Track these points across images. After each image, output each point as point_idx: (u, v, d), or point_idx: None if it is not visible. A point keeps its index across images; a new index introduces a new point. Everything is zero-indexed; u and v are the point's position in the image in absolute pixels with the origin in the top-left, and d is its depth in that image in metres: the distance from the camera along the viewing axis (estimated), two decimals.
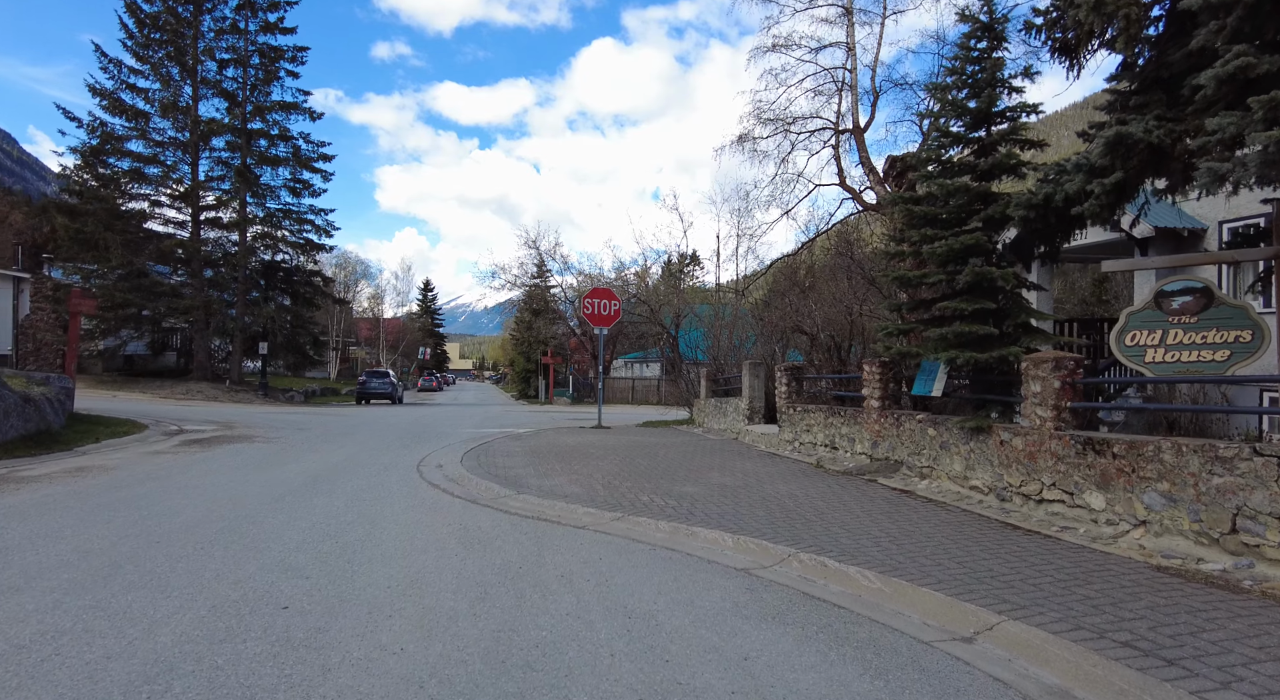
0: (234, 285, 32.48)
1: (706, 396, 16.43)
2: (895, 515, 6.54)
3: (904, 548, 5.37)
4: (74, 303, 14.58)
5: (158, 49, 30.69)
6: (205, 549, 5.21)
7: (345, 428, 16.95)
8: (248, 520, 6.25)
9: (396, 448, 12.59)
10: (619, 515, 6.56)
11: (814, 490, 7.83)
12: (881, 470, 8.55)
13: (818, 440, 10.50)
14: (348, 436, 14.56)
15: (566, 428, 17.32)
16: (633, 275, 37.98)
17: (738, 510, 6.79)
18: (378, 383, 37.87)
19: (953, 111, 7.74)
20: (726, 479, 8.66)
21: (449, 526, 6.18)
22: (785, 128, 19.91)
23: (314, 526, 6.09)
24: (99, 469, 9.11)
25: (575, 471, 9.30)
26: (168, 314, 30.70)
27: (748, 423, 13.38)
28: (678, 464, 10.04)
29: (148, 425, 14.57)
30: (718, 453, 11.40)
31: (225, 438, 13.32)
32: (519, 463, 10.22)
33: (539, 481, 8.48)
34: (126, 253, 28.39)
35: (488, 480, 8.57)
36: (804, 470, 9.35)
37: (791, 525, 6.14)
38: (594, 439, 13.85)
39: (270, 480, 8.52)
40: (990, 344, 7.01)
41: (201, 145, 31.87)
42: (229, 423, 16.80)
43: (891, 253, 7.89)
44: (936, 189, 7.46)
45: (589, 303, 17.32)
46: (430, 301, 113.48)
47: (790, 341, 14.39)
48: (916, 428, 8.13)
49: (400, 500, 7.41)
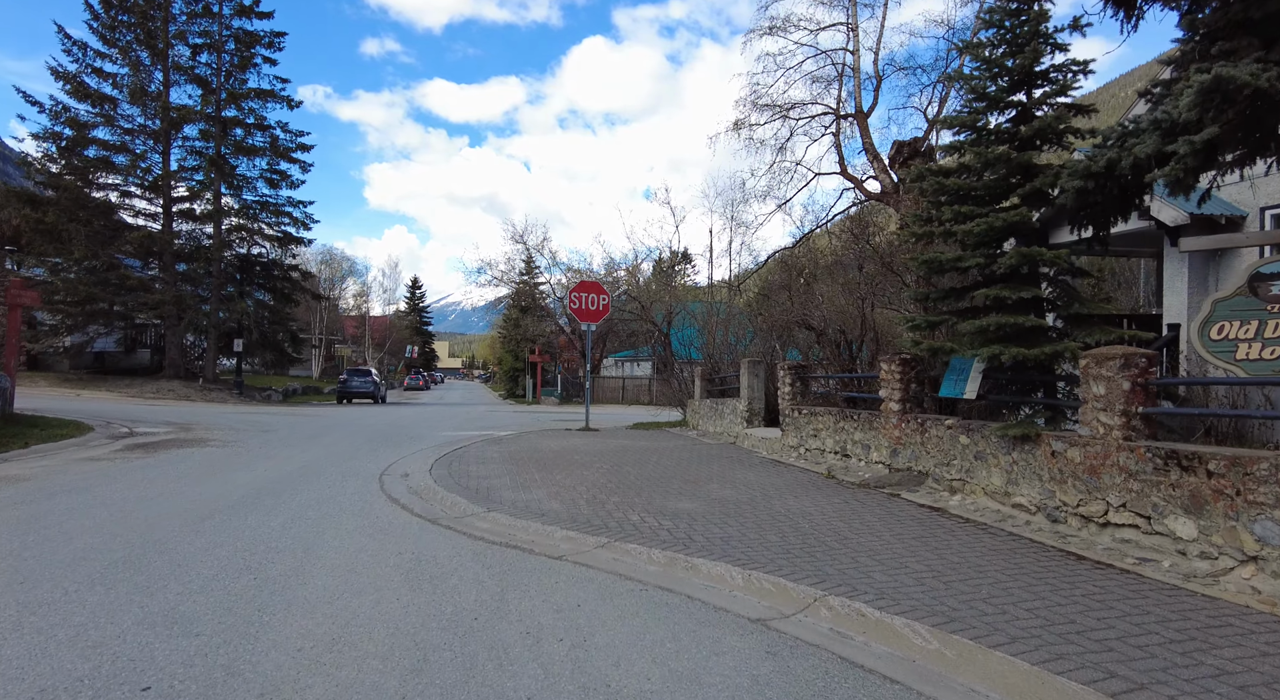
0: (208, 280, 31.18)
1: (701, 397, 15.41)
2: (931, 541, 5.54)
3: (953, 587, 4.36)
4: (12, 294, 13.37)
5: (126, 32, 29.34)
6: (81, 591, 4.14)
7: (315, 429, 15.82)
8: (156, 547, 5.17)
9: (364, 453, 11.50)
10: (604, 540, 5.51)
11: (830, 507, 6.82)
12: (904, 483, 7.55)
13: (827, 447, 9.50)
14: (314, 440, 13.44)
15: (551, 430, 16.26)
16: (623, 273, 36.92)
17: (744, 533, 5.77)
18: (359, 381, 36.71)
19: (988, 72, 6.74)
20: (728, 492, 7.63)
21: (398, 557, 5.12)
22: (783, 113, 18.93)
23: (235, 555, 5.02)
24: (9, 480, 7.98)
25: (556, 482, 8.25)
26: (137, 309, 29.38)
27: (747, 426, 12.37)
28: (672, 473, 9.01)
29: (94, 427, 13.40)
30: (715, 460, 10.38)
31: (176, 442, 12.18)
32: (494, 472, 9.16)
33: (514, 495, 7.43)
34: (92, 245, 27.05)
35: (455, 494, 7.50)
36: (814, 482, 8.34)
37: (811, 555, 5.12)
38: (580, 443, 12.81)
39: (206, 493, 7.43)
40: (1037, 338, 6.02)
41: (173, 133, 30.54)
42: (188, 424, 15.63)
43: (918, 233, 6.90)
44: (973, 158, 6.45)
45: (576, 297, 16.26)
46: (418, 299, 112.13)
47: (790, 339, 13.40)
48: (945, 435, 7.13)
49: (349, 520, 6.34)
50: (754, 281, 22.74)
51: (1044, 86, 6.60)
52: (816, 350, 14.03)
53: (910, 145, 14.95)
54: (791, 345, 14.10)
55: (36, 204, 26.94)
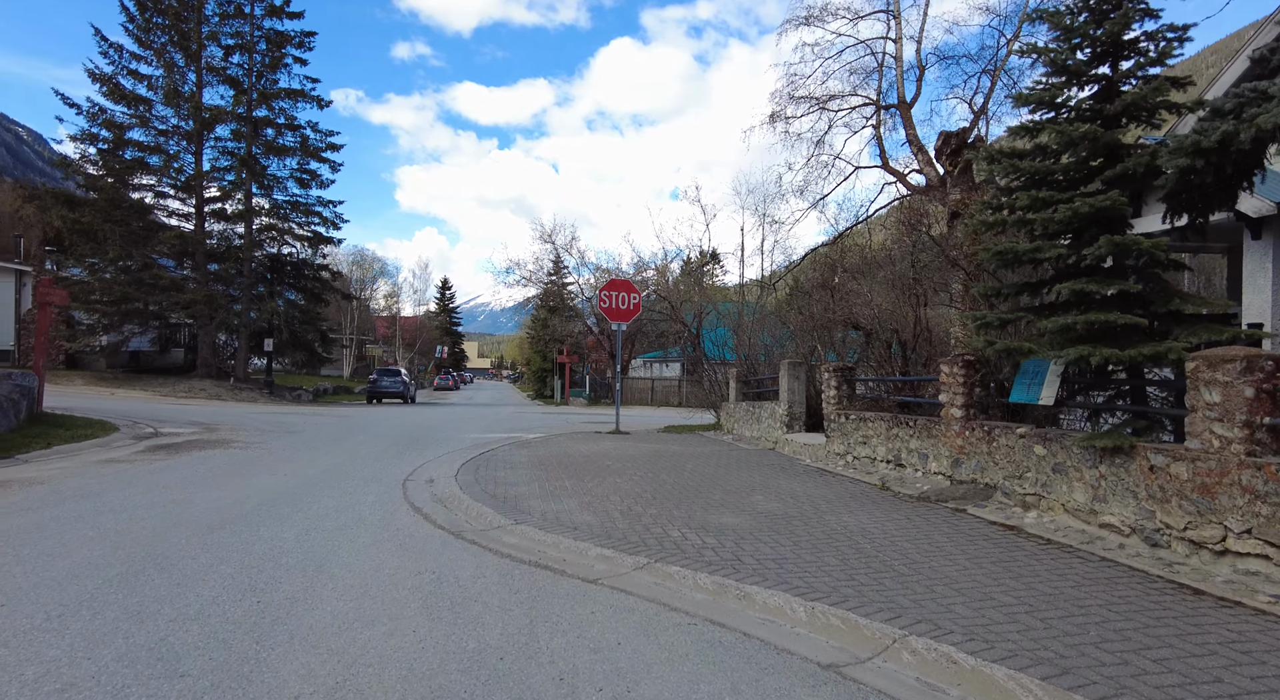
0: (239, 279, 31.32)
1: (736, 400, 14.79)
2: (1013, 566, 4.89)
3: (1054, 626, 3.74)
4: (41, 292, 13.26)
5: (160, 33, 29.59)
6: (65, 616, 3.71)
7: (341, 431, 15.53)
8: (157, 563, 4.75)
9: (390, 456, 11.11)
10: (643, 560, 4.97)
11: (891, 524, 6.19)
12: (969, 496, 6.89)
13: (878, 455, 8.84)
14: (340, 442, 13.11)
15: (581, 433, 15.77)
16: (652, 272, 36.36)
17: (799, 554, 5.18)
18: (389, 381, 36.69)
19: (1067, 42, 6.06)
20: (774, 504, 7.04)
21: (417, 577, 4.63)
22: (821, 105, 18.22)
23: (240, 573, 4.57)
24: (23, 483, 7.68)
25: (588, 491, 7.72)
26: (170, 309, 29.59)
27: (787, 431, 11.73)
28: (711, 481, 8.43)
29: (119, 427, 13.22)
30: (756, 467, 9.78)
31: (199, 443, 11.92)
32: (523, 478, 8.67)
33: (543, 505, 6.91)
34: (126, 245, 27.28)
35: (481, 503, 7.01)
36: (867, 493, 7.70)
37: (879, 582, 4.52)
38: (611, 447, 12.28)
39: (221, 499, 7.04)
40: (1132, 338, 5.33)
41: (206, 133, 30.74)
42: (214, 424, 15.44)
43: (988, 223, 6.24)
44: (1053, 138, 5.77)
45: (606, 295, 15.75)
46: (448, 300, 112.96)
47: (829, 340, 12.72)
48: (1017, 444, 6.46)
49: (367, 532, 5.88)
50: (788, 280, 22.03)
51: (1133, 57, 5.91)
52: (853, 352, 13.34)
53: (958, 136, 14.18)
54: (829, 347, 13.42)
55: (74, 205, 27.26)
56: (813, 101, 18.49)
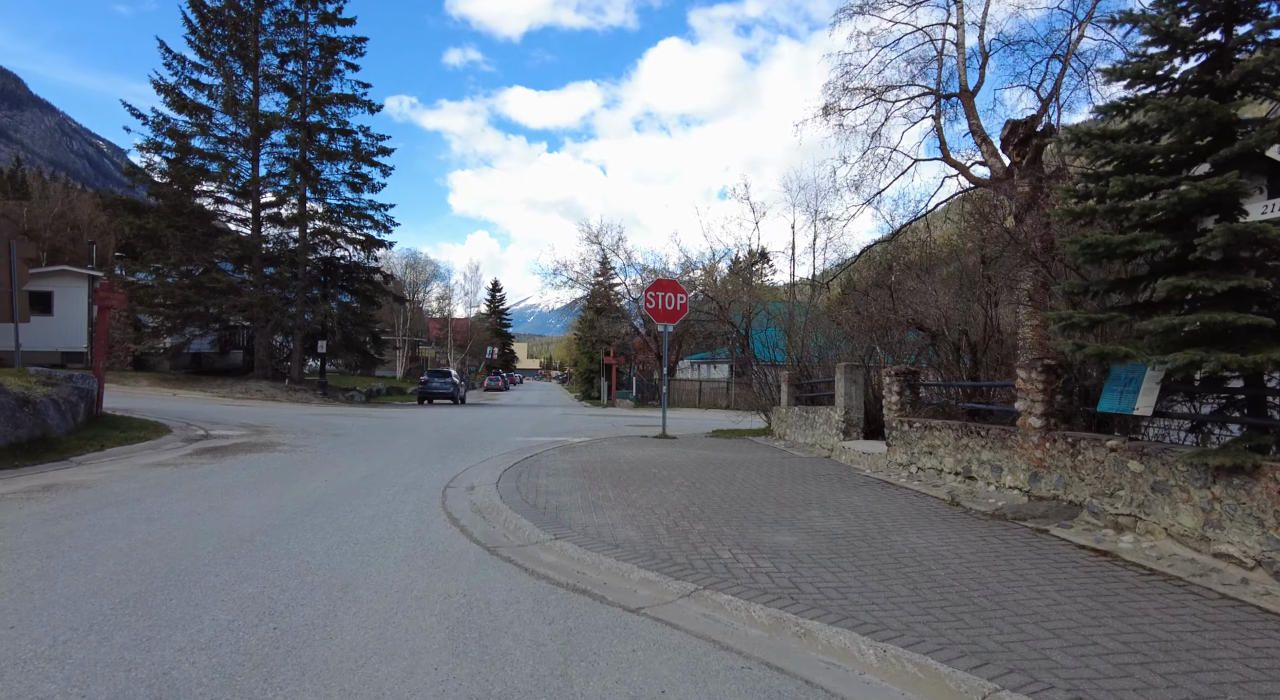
0: (294, 282, 32.00)
1: (788, 404, 14.19)
2: (1113, 602, 4.28)
3: (1181, 687, 3.15)
4: (100, 296, 13.55)
5: (219, 44, 30.44)
6: (71, 642, 3.47)
7: (388, 433, 15.50)
8: (179, 579, 4.52)
9: (433, 460, 10.92)
10: (690, 587, 4.52)
11: (964, 546, 5.60)
12: (1050, 515, 6.23)
13: (945, 467, 8.19)
14: (385, 444, 13.02)
15: (626, 437, 15.39)
16: (700, 272, 35.82)
17: (864, 581, 4.66)
18: (440, 382, 37.05)
19: (1171, 6, 5.37)
20: (834, 521, 6.50)
21: (446, 600, 4.28)
22: (878, 96, 17.41)
23: (262, 593, 4.30)
24: (70, 487, 7.68)
25: (632, 502, 7.31)
26: (229, 312, 30.40)
27: (843, 438, 11.11)
28: (763, 493, 7.93)
29: (172, 429, 13.40)
30: (811, 477, 9.22)
31: (247, 446, 11.94)
32: (565, 486, 8.31)
33: (584, 518, 6.53)
34: (187, 249, 28.10)
35: (520, 514, 6.67)
36: (935, 510, 7.08)
37: (957, 617, 3.98)
38: (657, 453, 11.86)
39: (258, 508, 6.87)
40: (1254, 341, 4.64)
41: (262, 140, 31.50)
42: (264, 426, 15.58)
43: (1074, 212, 5.58)
44: (1157, 115, 5.10)
45: (652, 296, 15.34)
46: (498, 302, 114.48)
47: (888, 341, 12.04)
48: (1107, 458, 5.78)
49: (400, 546, 5.58)
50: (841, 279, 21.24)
51: (1250, 21, 5.19)
52: (912, 355, 12.61)
53: (1026, 124, 13.29)
54: (887, 349, 12.72)
55: (140, 211, 28.24)
56: (868, 92, 17.70)
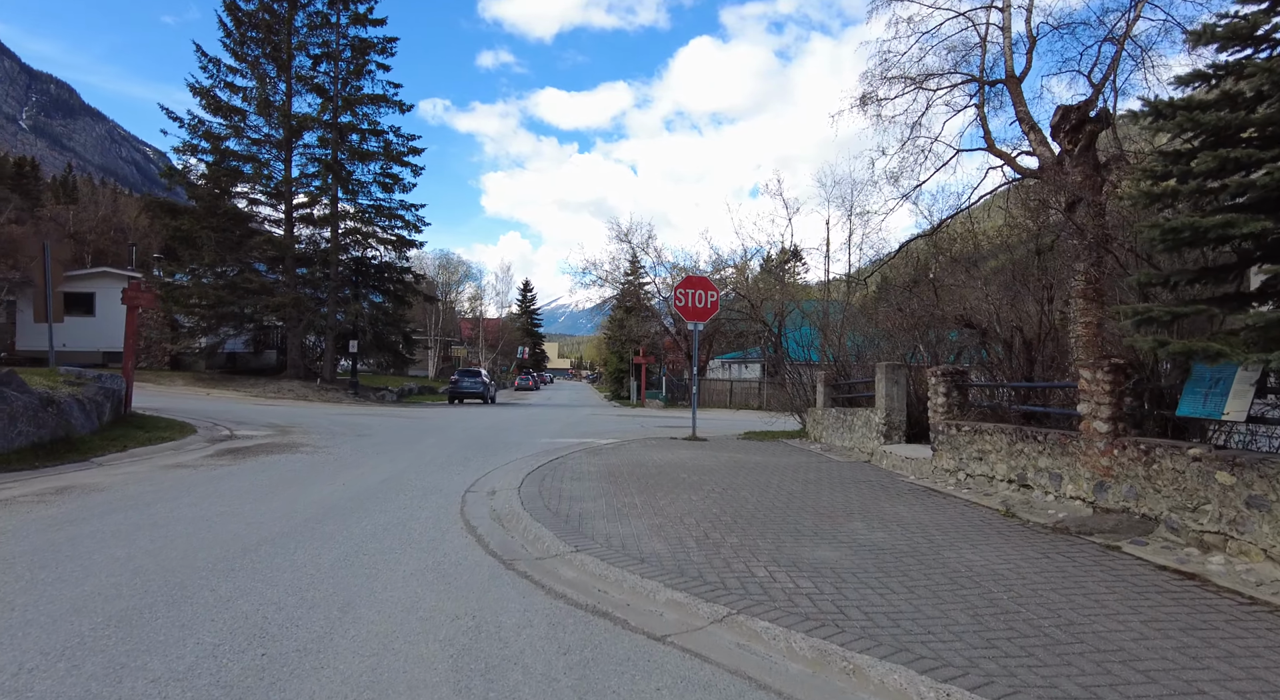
0: (326, 282, 32.20)
1: (824, 405, 13.61)
2: (1213, 637, 3.72)
3: None
4: (129, 295, 13.54)
5: (254, 47, 30.74)
6: (39, 670, 3.15)
7: (415, 433, 15.29)
8: (171, 595, 4.21)
9: (456, 463, 10.62)
10: (722, 611, 4.07)
11: (1026, 564, 5.05)
12: (1121, 530, 5.64)
13: (997, 473, 7.61)
14: (409, 446, 12.78)
15: (655, 438, 14.95)
16: (731, 271, 35.21)
17: (917, 606, 4.16)
18: (470, 382, 37.06)
19: None
20: (879, 534, 5.99)
21: (453, 623, 3.90)
22: (918, 85, 16.72)
23: (256, 611, 3.97)
24: (84, 489, 7.50)
25: (659, 510, 6.87)
26: (261, 312, 30.69)
27: (884, 441, 10.54)
28: (800, 502, 7.43)
29: (198, 429, 13.33)
30: (851, 484, 8.68)
31: (269, 446, 11.78)
32: (589, 492, 7.90)
33: (608, 528, 6.11)
34: (221, 250, 28.41)
35: (541, 523, 6.28)
36: (989, 521, 6.52)
37: (1029, 653, 3.47)
38: (687, 456, 11.41)
39: (269, 513, 6.59)
40: None
41: (294, 141, 31.74)
42: (290, 426, 15.47)
43: (1152, 194, 4.99)
44: (1259, 80, 4.49)
45: (682, 294, 14.88)
46: (529, 302, 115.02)
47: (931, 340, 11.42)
48: (1189, 468, 5.19)
49: (412, 558, 5.23)
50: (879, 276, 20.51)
51: None
52: (953, 354, 11.96)
53: (1079, 110, 12.53)
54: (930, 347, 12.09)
55: (176, 213, 28.63)
56: (907, 81, 17.00)
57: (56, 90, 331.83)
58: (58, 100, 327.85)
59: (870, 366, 12.44)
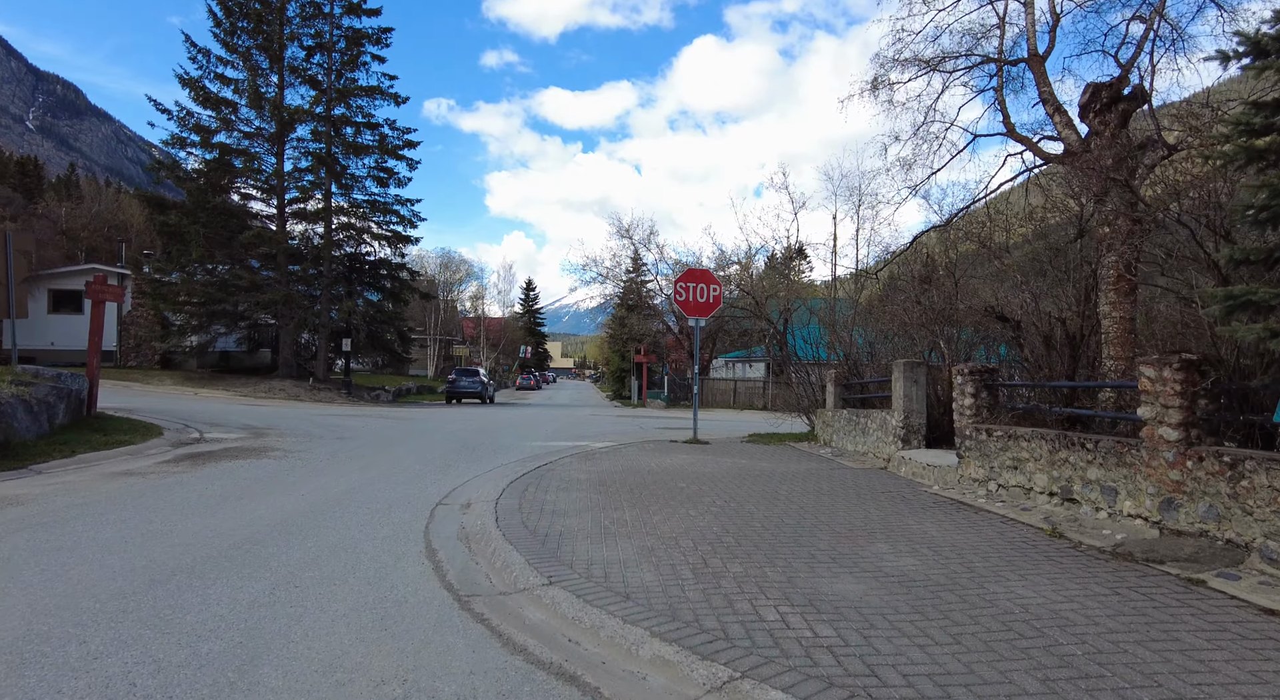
0: (319, 279, 31.38)
1: (835, 406, 12.70)
2: None
3: None
4: (93, 290, 12.70)
5: (245, 37, 29.90)
6: None
7: (398, 435, 14.43)
8: (20, 653, 3.33)
9: (435, 469, 9.77)
10: (722, 672, 3.17)
11: (1094, 602, 4.15)
12: (1202, 558, 4.73)
13: (1036, 485, 6.70)
14: (388, 449, 11.92)
15: (654, 441, 14.06)
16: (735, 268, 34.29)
17: (969, 664, 3.26)
18: (467, 381, 36.28)
19: None
20: (908, 559, 5.08)
21: (377, 691, 3.02)
22: (932, 67, 15.80)
23: (123, 675, 3.09)
24: (1, 503, 6.64)
25: (652, 528, 5.99)
26: (251, 310, 29.89)
27: (903, 446, 9.64)
28: (814, 518, 6.53)
29: (165, 431, 12.49)
30: (869, 495, 7.78)
31: (237, 451, 10.93)
32: (576, 504, 7.02)
33: (591, 550, 5.23)
34: (210, 246, 27.59)
35: (513, 545, 5.39)
36: (1033, 542, 5.60)
37: None
38: (686, 461, 10.52)
39: (207, 531, 5.73)
40: None
41: (287, 134, 30.92)
42: (267, 428, 14.62)
43: (1256, 149, 4.10)
44: None
45: (683, 287, 13.98)
46: (532, 301, 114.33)
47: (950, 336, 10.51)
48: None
49: (352, 592, 4.35)
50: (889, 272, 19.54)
51: None
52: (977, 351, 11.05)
53: (1111, 87, 11.59)
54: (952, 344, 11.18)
55: (163, 207, 27.81)
56: (921, 64, 16.07)
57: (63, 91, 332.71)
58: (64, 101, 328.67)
59: (884, 365, 11.55)
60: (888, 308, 11.87)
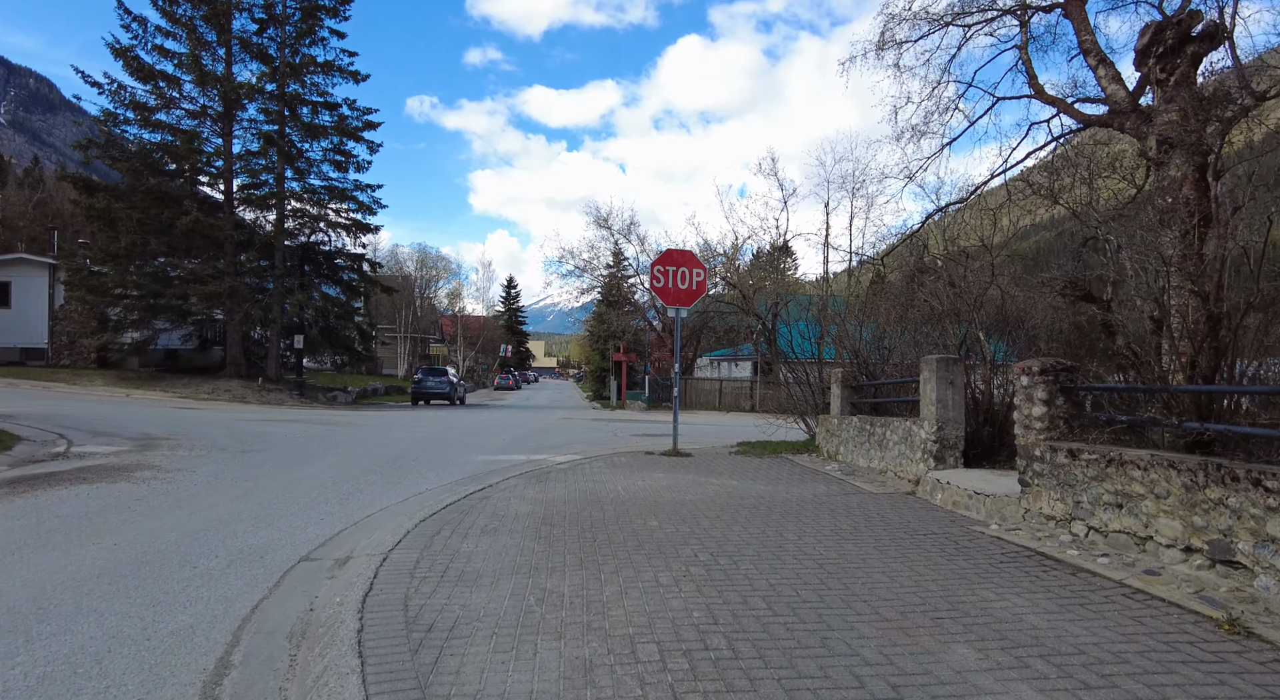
0: (271, 270, 28.91)
1: (842, 412, 10.60)
2: None
3: None
4: None
5: (189, 6, 27.32)
6: None
7: (321, 447, 12.19)
8: None
9: (336, 496, 7.59)
10: None
11: None
12: None
13: (1161, 534, 4.64)
14: (297, 466, 9.71)
15: (627, 452, 11.92)
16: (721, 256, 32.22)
17: None
18: (434, 382, 33.99)
19: None
20: (1023, 689, 2.98)
21: None
22: (946, 23, 13.81)
23: None
24: None
25: (600, 613, 3.84)
26: (190, 303, 27.37)
27: (936, 465, 7.57)
28: (841, 586, 4.42)
29: (23, 441, 10.20)
30: (907, 539, 5.69)
31: (98, 470, 8.66)
32: (496, 563, 4.87)
33: (489, 673, 3.07)
34: (143, 232, 25.04)
35: (364, 657, 3.24)
36: (1205, 641, 3.53)
37: None
38: (662, 482, 8.41)
39: None
40: None
41: (236, 114, 28.43)
42: (166, 437, 12.28)
43: None
44: None
45: (660, 272, 11.86)
46: (514, 299, 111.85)
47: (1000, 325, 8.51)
48: None
49: None
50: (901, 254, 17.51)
51: None
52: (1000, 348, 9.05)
53: (1179, 26, 9.60)
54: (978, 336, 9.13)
55: (92, 190, 25.25)
56: (933, 20, 14.11)
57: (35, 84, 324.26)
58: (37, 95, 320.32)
59: (904, 363, 9.49)
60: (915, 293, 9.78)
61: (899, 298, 10.65)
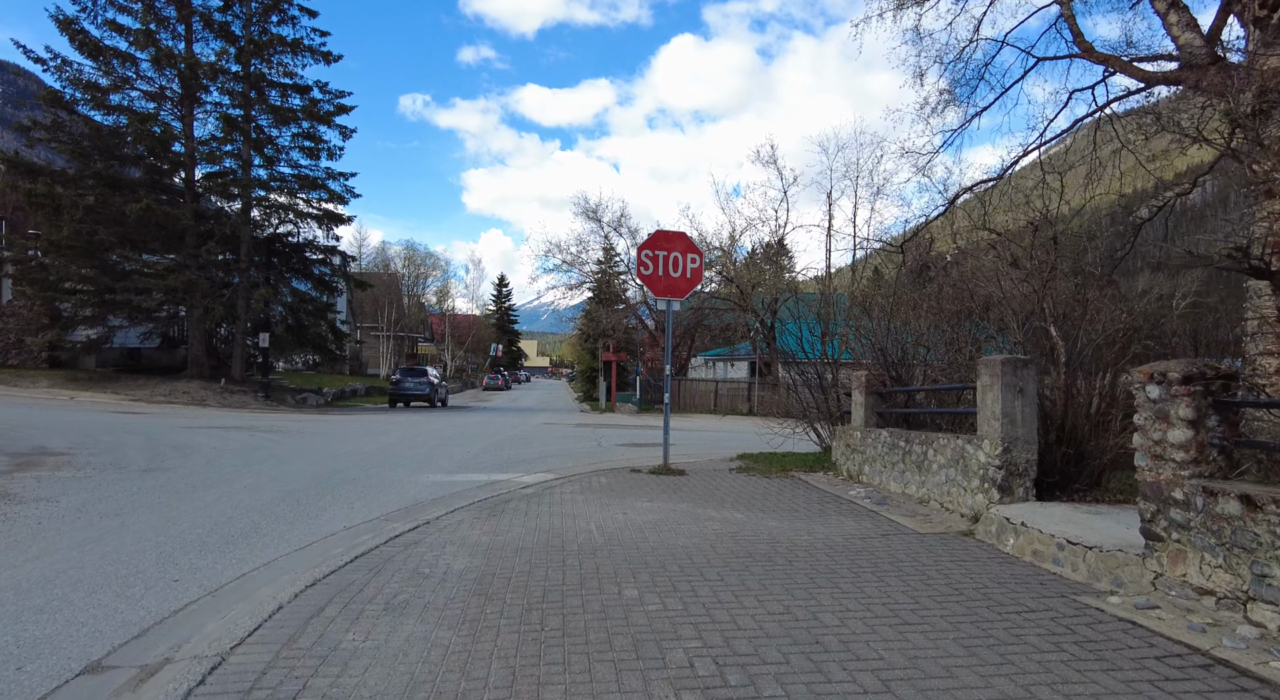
0: (235, 263, 26.98)
1: (867, 423, 8.82)
2: None
3: None
4: None
5: None
6: None
7: (244, 463, 10.35)
8: None
9: (216, 543, 5.79)
10: None
11: None
12: None
13: None
14: (204, 490, 7.89)
15: (608, 470, 10.12)
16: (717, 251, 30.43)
17: None
18: (413, 382, 32.17)
19: None
20: None
21: None
22: None
23: None
24: None
25: None
26: (160, 300, 25.44)
27: (1000, 496, 5.82)
28: None
29: None
30: (997, 624, 3.94)
31: None
32: (384, 683, 3.08)
33: None
34: (92, 222, 23.08)
35: None
36: None
37: None
38: (648, 518, 6.63)
39: None
40: None
41: (199, 96, 26.46)
42: (66, 449, 10.38)
43: None
44: None
45: (649, 257, 10.08)
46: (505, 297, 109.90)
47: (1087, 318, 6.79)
48: None
49: None
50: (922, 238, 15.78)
51: None
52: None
53: None
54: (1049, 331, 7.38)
55: (34, 174, 23.27)
56: None
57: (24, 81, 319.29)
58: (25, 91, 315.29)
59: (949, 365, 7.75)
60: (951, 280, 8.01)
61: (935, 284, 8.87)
